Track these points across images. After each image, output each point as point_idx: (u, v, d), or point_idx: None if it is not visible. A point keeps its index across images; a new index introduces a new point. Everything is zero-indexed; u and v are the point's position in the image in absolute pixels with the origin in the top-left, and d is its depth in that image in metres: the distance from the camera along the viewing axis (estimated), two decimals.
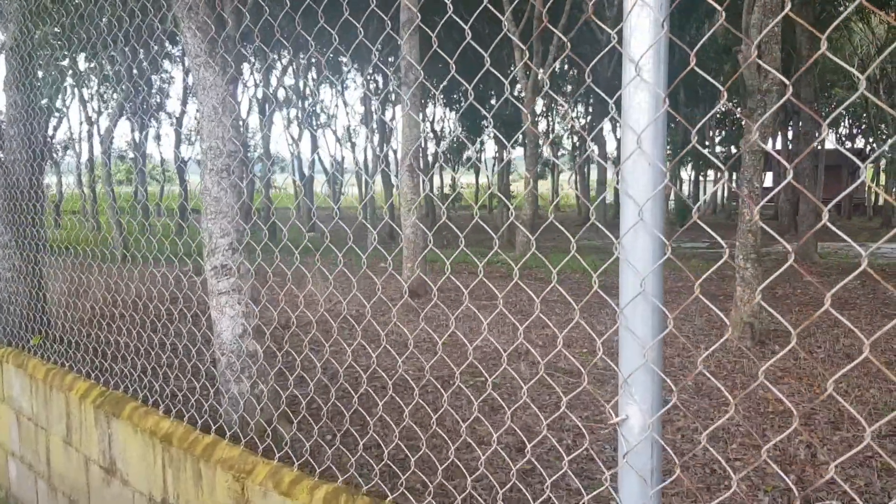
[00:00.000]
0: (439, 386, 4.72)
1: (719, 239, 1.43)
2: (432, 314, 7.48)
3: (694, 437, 3.99)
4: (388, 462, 2.35)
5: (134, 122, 18.72)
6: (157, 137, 21.14)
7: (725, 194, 28.27)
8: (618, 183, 1.22)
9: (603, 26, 1.42)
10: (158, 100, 20.04)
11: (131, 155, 20.76)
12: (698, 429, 4.08)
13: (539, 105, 24.48)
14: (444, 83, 2.74)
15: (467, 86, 1.48)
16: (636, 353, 1.23)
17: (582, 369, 1.75)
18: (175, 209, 18.50)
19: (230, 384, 4.05)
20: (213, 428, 2.26)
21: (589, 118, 26.49)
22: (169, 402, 2.57)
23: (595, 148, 22.05)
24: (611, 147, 26.27)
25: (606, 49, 1.33)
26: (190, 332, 3.29)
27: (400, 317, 7.48)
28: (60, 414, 2.89)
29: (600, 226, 1.45)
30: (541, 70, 14.30)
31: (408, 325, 7.13)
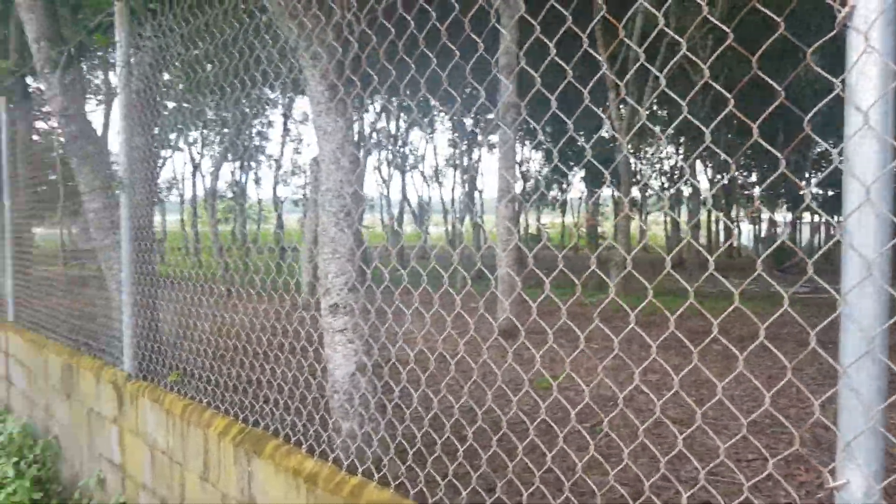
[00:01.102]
0: (555, 427, 4.63)
1: None
2: (530, 355, 7.40)
3: None
4: None
5: (237, 164, 19.60)
6: (257, 180, 22.05)
7: None
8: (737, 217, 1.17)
9: (827, 75, 1.37)
10: (258, 143, 20.91)
11: (230, 195, 21.70)
12: None
13: (631, 145, 24.24)
14: (530, 124, 2.74)
15: (567, 120, 1.48)
16: (859, 414, 1.16)
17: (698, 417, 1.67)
18: (273, 246, 19.09)
19: (344, 421, 4.10)
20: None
21: (680, 157, 26.04)
22: (313, 443, 2.60)
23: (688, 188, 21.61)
24: (703, 186, 25.71)
25: (830, 96, 1.28)
26: (301, 368, 3.34)
27: (496, 356, 7.43)
28: (198, 450, 2.96)
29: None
30: (639, 108, 14.21)
31: (503, 363, 7.06)
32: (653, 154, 28.19)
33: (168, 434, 3.21)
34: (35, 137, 8.15)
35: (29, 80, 10.22)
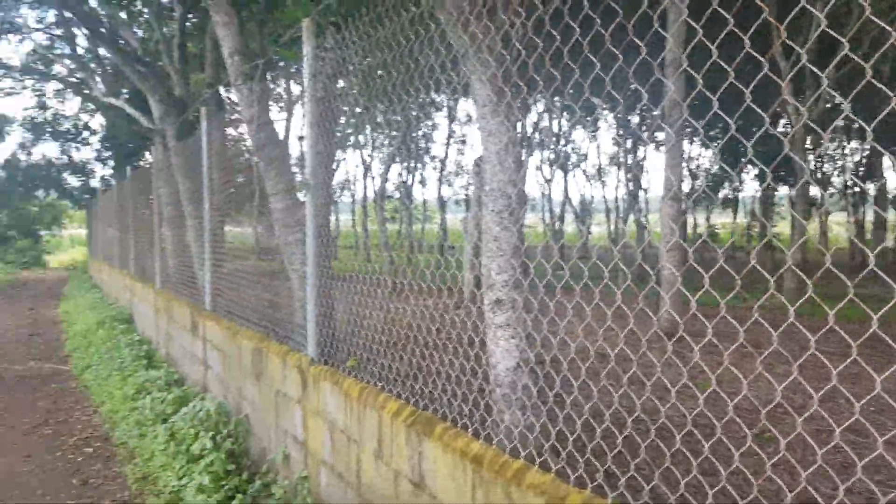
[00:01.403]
0: (716, 433, 4.53)
1: None
2: (692, 356, 7.20)
3: None
4: None
5: (404, 166, 20.44)
6: (422, 181, 22.86)
7: None
8: None
9: None
10: (425, 144, 21.67)
11: (397, 195, 22.66)
12: None
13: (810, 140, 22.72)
14: (698, 120, 2.70)
15: (728, 120, 1.49)
16: None
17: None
18: (435, 245, 19.81)
19: (504, 414, 4.25)
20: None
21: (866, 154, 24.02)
22: (478, 427, 2.77)
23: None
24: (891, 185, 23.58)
25: None
26: (467, 358, 3.51)
27: (656, 356, 7.29)
28: (372, 430, 3.22)
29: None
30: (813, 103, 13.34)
31: (665, 367, 6.92)
32: (835, 150, 26.20)
33: (346, 415, 3.50)
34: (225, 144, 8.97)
35: (221, 90, 11.23)
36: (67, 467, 5.74)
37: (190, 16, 12.80)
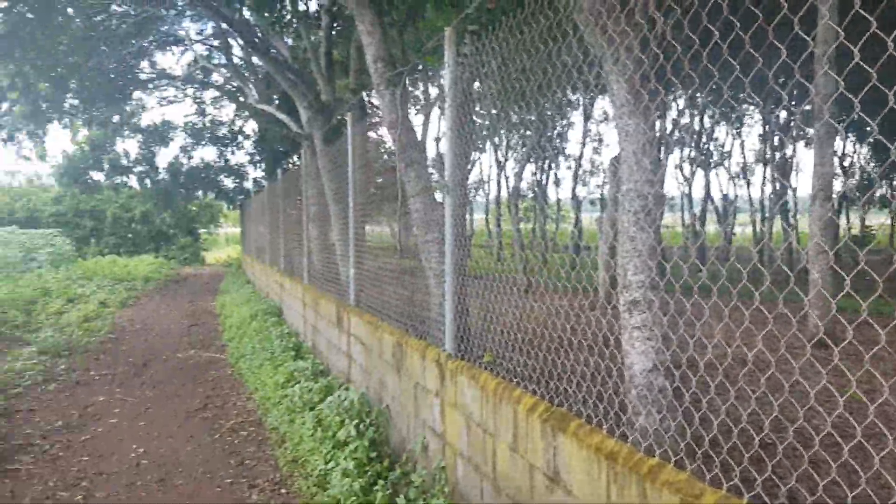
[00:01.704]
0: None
1: None
2: (838, 365, 6.80)
3: None
4: None
5: (538, 166, 20.45)
6: (557, 181, 22.81)
7: None
8: None
9: None
10: (560, 143, 21.60)
11: (530, 195, 22.72)
12: None
13: None
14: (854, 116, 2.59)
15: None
16: None
17: None
18: (569, 245, 19.73)
19: (639, 416, 4.23)
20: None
21: None
22: (613, 425, 2.81)
23: None
24: None
25: None
26: (602, 358, 3.54)
27: (802, 365, 6.95)
28: (508, 424, 3.33)
29: None
30: None
31: (809, 371, 6.59)
32: None
33: (482, 408, 3.63)
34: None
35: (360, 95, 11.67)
36: (225, 449, 6.24)
37: (335, 25, 13.43)
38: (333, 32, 13.03)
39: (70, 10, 13.24)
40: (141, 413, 7.47)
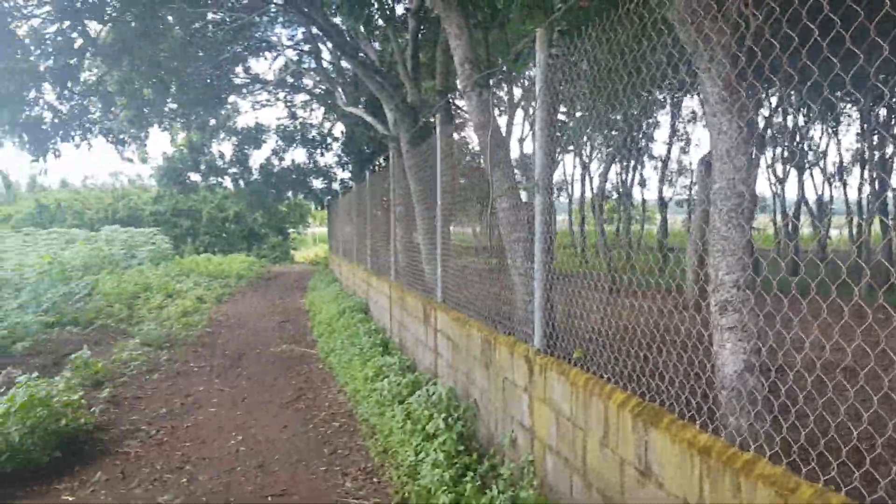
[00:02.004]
0: None
1: None
2: None
3: None
4: None
5: (624, 166, 20.20)
6: (642, 181, 22.45)
7: None
8: None
9: None
10: (646, 143, 21.27)
11: (615, 195, 22.46)
12: None
13: None
14: None
15: None
16: None
17: None
18: (654, 246, 19.42)
19: (731, 416, 4.19)
20: None
21: None
22: (706, 420, 2.83)
23: None
24: None
25: None
26: (690, 361, 3.53)
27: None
28: (598, 418, 3.38)
29: None
30: None
31: None
32: None
33: (571, 403, 3.69)
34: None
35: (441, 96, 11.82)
36: (318, 438, 6.49)
37: (421, 28, 13.67)
38: (420, 35, 13.27)
39: (170, 18, 13.96)
40: (238, 403, 7.84)
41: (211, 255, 28.84)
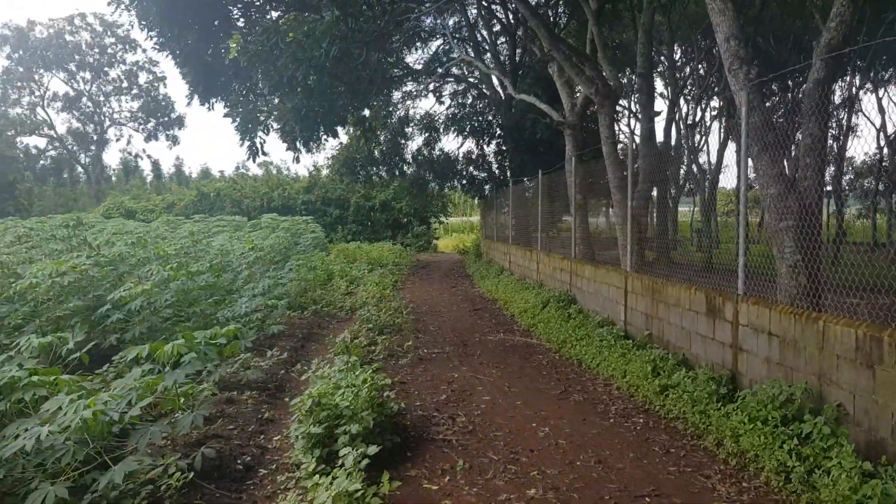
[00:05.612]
0: None
1: None
2: None
3: None
4: None
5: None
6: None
7: None
8: None
9: None
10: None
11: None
12: None
13: None
14: None
15: None
16: None
17: None
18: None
19: None
20: None
21: None
22: None
23: None
24: None
25: None
26: None
27: None
28: None
29: None
30: None
31: None
32: None
33: None
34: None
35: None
36: (634, 434, 6.20)
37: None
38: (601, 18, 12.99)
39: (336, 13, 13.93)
40: (506, 392, 7.68)
41: (360, 243, 29.37)
